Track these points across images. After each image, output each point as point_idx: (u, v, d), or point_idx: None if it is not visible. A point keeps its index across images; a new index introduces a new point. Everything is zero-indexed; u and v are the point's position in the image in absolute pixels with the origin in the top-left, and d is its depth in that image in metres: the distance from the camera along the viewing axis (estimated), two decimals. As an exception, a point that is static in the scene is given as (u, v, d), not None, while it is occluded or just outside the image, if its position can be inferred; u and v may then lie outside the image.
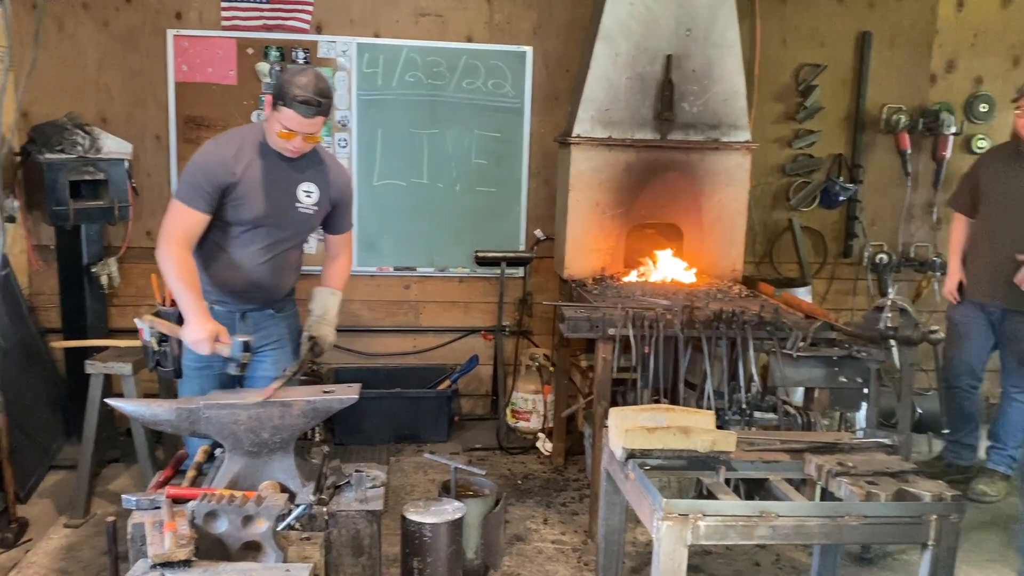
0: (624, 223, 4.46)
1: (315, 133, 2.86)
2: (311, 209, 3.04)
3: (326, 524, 2.48)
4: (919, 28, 5.39)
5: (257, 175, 2.91)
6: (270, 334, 3.16)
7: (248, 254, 2.99)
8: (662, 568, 2.31)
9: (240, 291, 3.04)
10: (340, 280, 3.25)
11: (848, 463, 2.62)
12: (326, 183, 3.07)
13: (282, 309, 3.21)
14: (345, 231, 3.28)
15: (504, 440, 4.96)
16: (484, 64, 5.01)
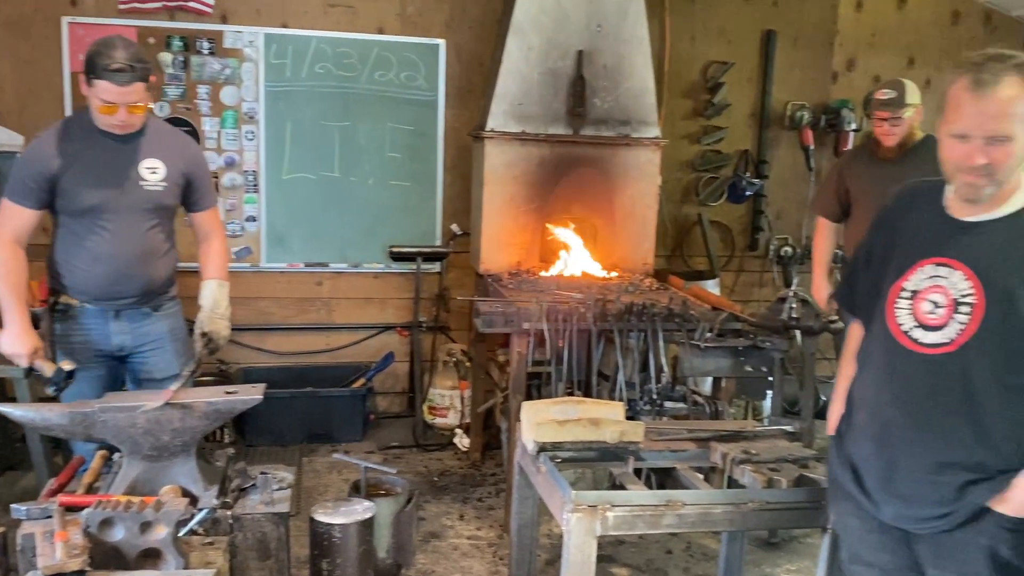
0: (539, 217, 4.47)
1: (138, 102, 2.77)
2: (159, 185, 2.94)
3: (230, 528, 2.42)
4: (821, 27, 5.57)
5: (88, 160, 2.84)
6: (148, 333, 3.05)
7: (104, 242, 2.89)
8: (572, 559, 2.33)
9: (108, 285, 2.93)
10: (222, 267, 3.16)
11: (751, 451, 2.69)
12: (172, 156, 2.98)
13: (160, 307, 3.09)
14: (209, 208, 3.17)
15: (421, 437, 4.92)
16: (396, 56, 4.96)
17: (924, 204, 2.04)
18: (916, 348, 1.93)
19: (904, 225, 2.06)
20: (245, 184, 4.90)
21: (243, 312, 4.99)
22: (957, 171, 1.87)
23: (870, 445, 2.03)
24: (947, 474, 1.89)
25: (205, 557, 2.15)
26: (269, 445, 4.70)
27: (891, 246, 2.06)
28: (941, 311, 1.91)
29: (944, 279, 1.92)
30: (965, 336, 1.87)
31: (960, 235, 1.93)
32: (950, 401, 1.88)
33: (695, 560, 3.73)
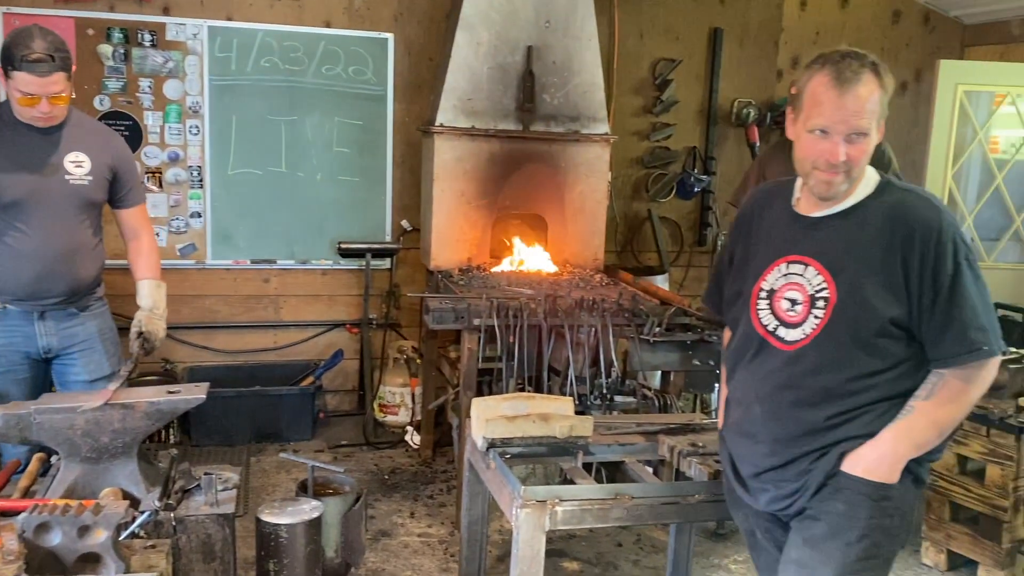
0: (489, 213, 4.46)
1: (60, 93, 2.71)
2: (85, 180, 2.88)
3: (174, 530, 2.37)
4: (766, 25, 5.65)
5: (10, 154, 2.76)
6: (75, 335, 2.97)
7: (28, 239, 2.81)
8: (521, 555, 2.33)
9: (32, 284, 2.84)
10: (155, 266, 3.09)
11: (698, 443, 2.72)
12: (98, 150, 2.92)
13: (87, 307, 3.01)
14: (137, 204, 3.10)
15: (371, 435, 4.88)
16: (344, 50, 4.90)
17: (777, 204, 2.09)
18: (780, 346, 2.00)
19: (760, 226, 2.11)
20: (189, 180, 4.80)
21: (189, 310, 4.90)
22: (814, 168, 1.90)
23: (743, 441, 2.10)
24: (806, 459, 1.98)
25: (147, 561, 2.10)
26: (216, 445, 4.62)
27: (749, 248, 2.12)
28: (799, 308, 1.96)
29: (799, 276, 1.98)
30: (818, 329, 1.94)
31: (810, 231, 1.99)
32: (804, 392, 1.95)
33: (645, 552, 3.76)
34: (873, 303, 1.88)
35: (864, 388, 1.93)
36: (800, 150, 1.93)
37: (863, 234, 1.92)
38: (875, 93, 1.84)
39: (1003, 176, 5.47)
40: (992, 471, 3.46)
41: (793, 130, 1.96)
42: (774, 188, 2.16)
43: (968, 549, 3.59)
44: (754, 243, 2.10)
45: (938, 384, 1.91)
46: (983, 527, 3.54)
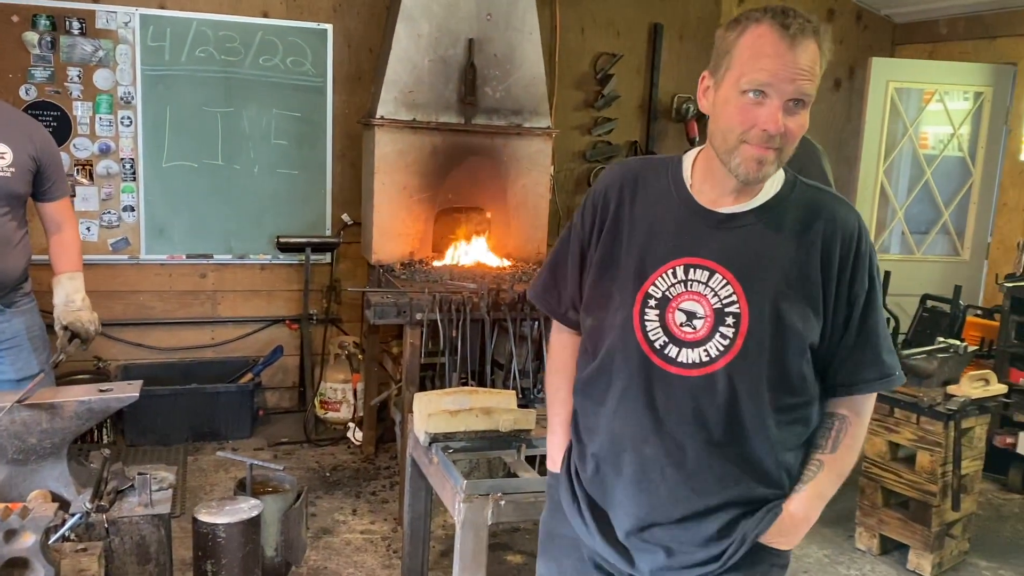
0: (431, 207, 4.43)
1: None
2: (7, 171, 2.79)
3: (106, 532, 2.30)
4: (705, 21, 5.72)
5: None
6: (1, 332, 2.87)
7: None
8: (464, 549, 2.32)
9: None
10: (72, 259, 2.99)
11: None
12: (20, 141, 2.83)
13: (12, 303, 2.91)
14: (60, 197, 3.01)
15: (312, 432, 4.81)
16: (282, 41, 4.81)
17: (656, 187, 1.66)
18: (673, 369, 1.57)
19: (633, 213, 1.66)
20: (122, 172, 4.66)
21: (122, 307, 4.77)
22: (743, 142, 1.50)
23: (624, 488, 1.64)
24: (717, 514, 1.60)
25: (78, 564, 2.04)
26: (152, 445, 4.50)
27: (618, 240, 1.66)
28: (699, 323, 1.57)
29: (701, 284, 1.58)
30: (731, 353, 1.55)
31: (716, 230, 1.59)
32: (717, 430, 1.57)
33: (588, 544, 3.78)
34: (794, 322, 1.55)
35: (785, 427, 1.60)
36: (725, 118, 1.52)
37: (779, 237, 1.57)
38: (818, 60, 1.51)
39: (932, 171, 5.64)
40: (922, 457, 3.57)
41: (713, 97, 1.55)
42: (644, 165, 1.71)
43: (899, 533, 3.70)
44: (627, 235, 1.65)
45: (841, 430, 1.64)
46: (913, 511, 3.65)
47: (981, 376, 3.66)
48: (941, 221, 5.70)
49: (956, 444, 3.54)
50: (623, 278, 1.64)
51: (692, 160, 1.66)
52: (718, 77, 1.54)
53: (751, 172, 1.52)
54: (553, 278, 1.80)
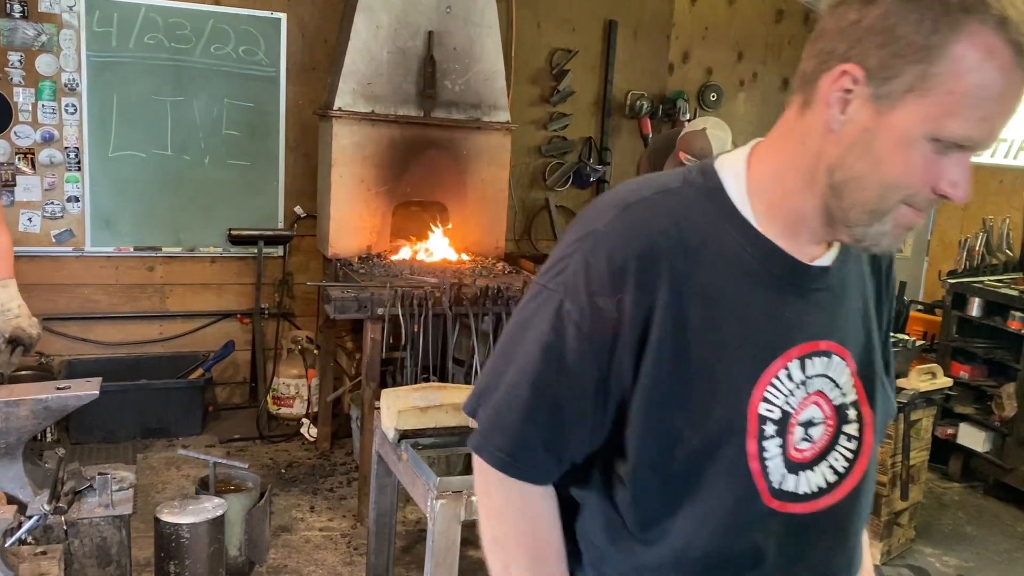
0: (390, 200, 4.39)
1: None
2: None
3: (65, 535, 2.22)
4: (658, 19, 5.77)
5: None
6: None
7: None
8: (437, 546, 2.31)
9: None
10: (4, 266, 2.83)
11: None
12: None
13: None
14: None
15: (265, 429, 4.73)
16: (234, 29, 4.69)
17: (716, 250, 1.04)
18: (795, 508, 1.07)
19: (703, 299, 1.03)
20: (66, 162, 4.50)
21: (65, 300, 4.61)
22: (906, 203, 0.98)
23: None
24: None
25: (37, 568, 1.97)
26: (98, 442, 4.37)
27: (684, 352, 1.02)
28: (818, 431, 1.08)
29: (822, 378, 1.08)
30: (861, 462, 1.11)
31: (815, 291, 1.09)
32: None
33: (549, 538, 3.80)
34: (889, 394, 1.18)
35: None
36: (893, 165, 0.95)
37: (854, 285, 1.14)
38: None
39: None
40: (872, 448, 3.67)
41: (866, 117, 0.95)
42: (671, 215, 1.04)
43: (850, 522, 3.80)
44: (699, 336, 1.02)
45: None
46: (864, 501, 3.75)
47: (928, 370, 3.79)
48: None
49: (906, 436, 3.65)
50: (707, 404, 1.03)
51: (743, 185, 1.06)
52: (887, 92, 0.93)
53: (894, 245, 1.03)
54: (549, 428, 1.07)
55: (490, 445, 1.09)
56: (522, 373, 1.06)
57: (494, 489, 1.12)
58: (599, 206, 1.08)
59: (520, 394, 1.06)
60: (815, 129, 1.00)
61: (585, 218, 1.08)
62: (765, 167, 1.06)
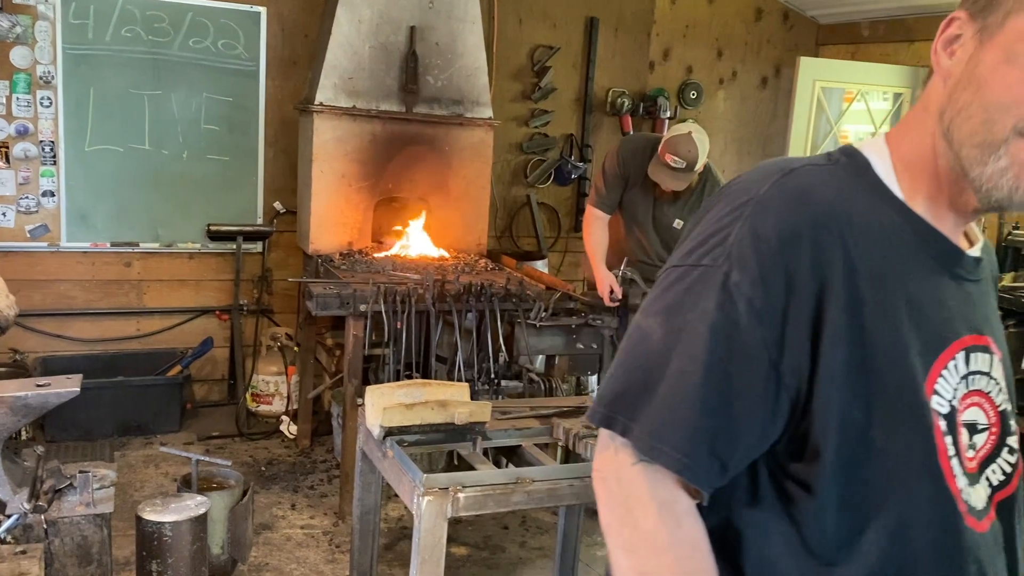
0: (371, 196, 4.36)
1: None
2: None
3: (45, 534, 2.19)
4: (639, 17, 5.79)
5: None
6: None
7: None
8: (423, 543, 2.30)
9: None
10: None
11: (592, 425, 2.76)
12: None
13: None
14: None
15: (244, 426, 4.69)
16: (213, 23, 4.64)
17: (873, 224, 0.96)
18: (971, 522, 0.97)
19: (870, 278, 0.93)
20: (41, 156, 4.43)
21: (40, 296, 4.54)
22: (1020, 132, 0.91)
23: None
24: None
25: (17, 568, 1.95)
26: (75, 440, 4.31)
27: (859, 335, 0.92)
28: (981, 437, 0.99)
29: (983, 376, 1.00)
30: (1012, 487, 1.02)
31: (971, 282, 1.02)
32: None
33: (531, 534, 3.80)
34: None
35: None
36: (994, 86, 0.91)
37: (992, 288, 1.10)
38: None
39: (853, 169, 5.84)
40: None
41: (971, 54, 0.94)
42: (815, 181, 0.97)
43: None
44: (873, 318, 0.92)
45: None
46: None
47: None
48: (861, 217, 5.91)
49: None
50: (891, 395, 0.93)
51: (888, 164, 1.01)
52: (989, 23, 0.93)
53: (1018, 190, 0.93)
54: (723, 425, 0.92)
55: (665, 445, 0.92)
56: (691, 359, 0.92)
57: (646, 509, 0.95)
58: (751, 178, 0.99)
59: (694, 382, 0.92)
60: (935, 88, 0.98)
61: (735, 190, 0.99)
62: (903, 144, 1.01)
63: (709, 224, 0.98)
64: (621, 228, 4.11)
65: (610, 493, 0.99)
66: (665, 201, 3.97)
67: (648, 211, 4.04)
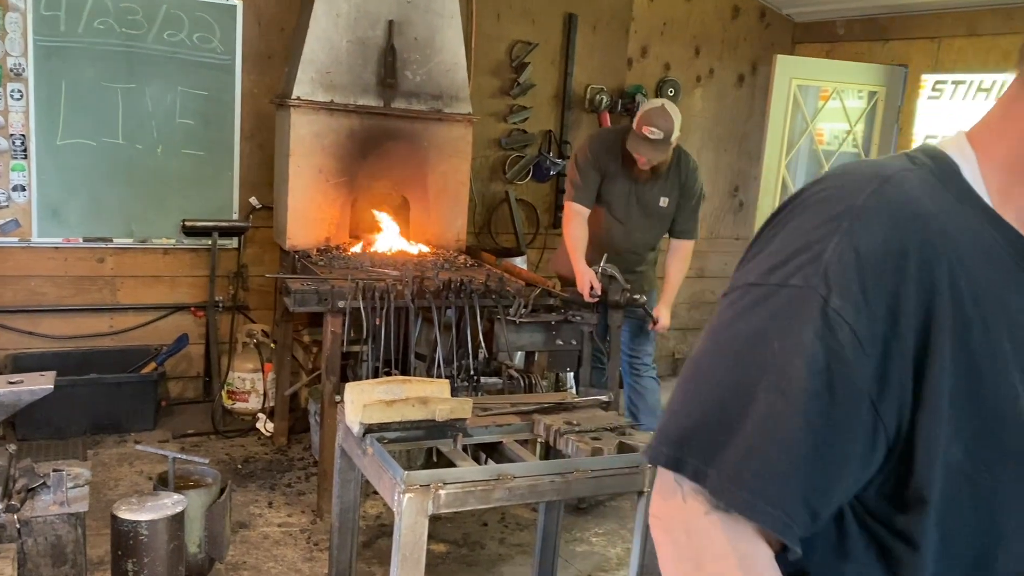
0: (349, 192, 4.33)
1: None
2: None
3: (18, 533, 2.15)
4: (617, 14, 5.79)
5: None
6: None
7: None
8: (404, 540, 2.28)
9: None
10: None
11: (573, 421, 2.77)
12: None
13: None
14: None
15: (220, 424, 4.64)
16: (188, 16, 4.58)
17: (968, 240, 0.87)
18: None
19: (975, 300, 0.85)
20: (11, 149, 4.35)
21: (11, 293, 4.47)
22: None
23: None
24: None
25: (-10, 569, 1.91)
26: (47, 438, 4.24)
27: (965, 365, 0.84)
28: None
29: None
30: None
31: None
32: None
33: (510, 530, 3.80)
34: None
35: None
36: None
37: None
38: None
39: (829, 166, 5.89)
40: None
41: None
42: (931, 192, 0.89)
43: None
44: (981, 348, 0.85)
45: None
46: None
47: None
48: (836, 214, 5.95)
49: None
50: (997, 429, 0.86)
51: (976, 169, 0.92)
52: None
53: None
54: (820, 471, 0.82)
55: (754, 496, 0.81)
56: (783, 395, 0.81)
57: (723, 565, 0.84)
58: (841, 184, 0.89)
59: (787, 423, 0.80)
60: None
61: (825, 198, 0.88)
62: (996, 147, 0.91)
63: (794, 236, 0.86)
64: (600, 223, 4.13)
65: (677, 546, 0.87)
66: (645, 182, 4.06)
67: (630, 196, 4.09)
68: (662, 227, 4.22)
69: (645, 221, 4.14)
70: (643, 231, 4.16)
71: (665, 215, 4.15)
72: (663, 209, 4.12)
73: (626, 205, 4.11)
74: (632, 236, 4.15)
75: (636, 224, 4.14)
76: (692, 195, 4.16)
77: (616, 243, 4.12)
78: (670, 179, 4.10)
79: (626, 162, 4.02)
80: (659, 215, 4.14)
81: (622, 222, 4.12)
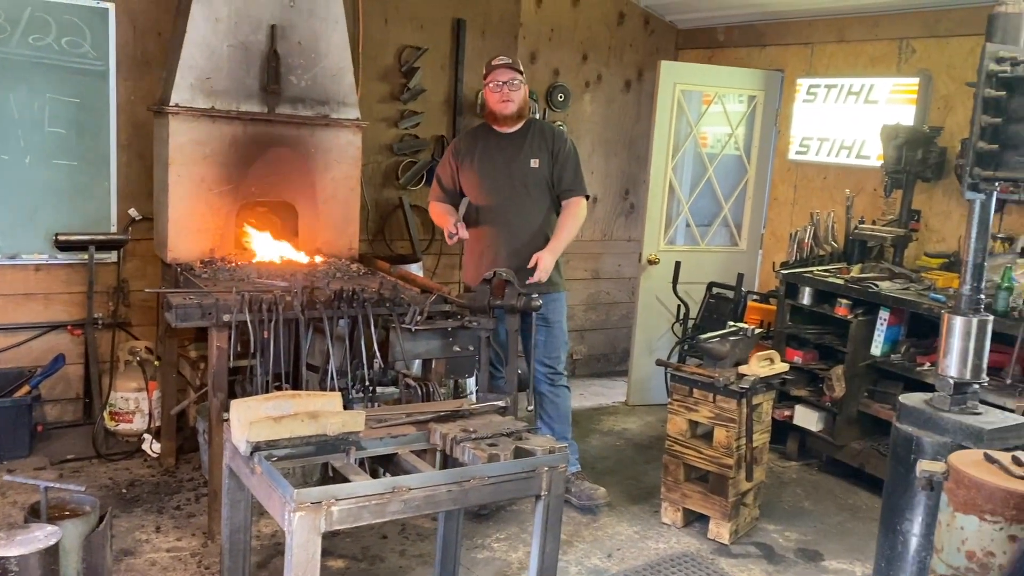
0: (234, 201, 4.19)
1: None
2: None
3: None
4: (506, 20, 5.82)
5: None
6: None
7: None
8: (296, 560, 2.22)
9: None
10: None
11: (469, 428, 2.75)
12: None
13: None
14: None
15: (102, 447, 4.41)
16: (56, 19, 4.35)
17: None
18: None
19: None
20: None
21: None
22: None
23: None
24: None
25: None
26: (-94, 473, 3.94)
27: None
28: None
29: None
30: None
31: None
32: None
33: (411, 541, 3.75)
34: None
35: None
36: None
37: None
38: None
39: (713, 168, 6.08)
40: (719, 433, 3.85)
41: None
42: None
43: (700, 505, 3.97)
44: None
45: None
46: (712, 484, 3.93)
47: (767, 356, 4.00)
48: (722, 215, 6.16)
49: (748, 419, 3.85)
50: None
51: None
52: None
53: None
54: None
55: None
56: None
57: None
58: None
59: None
60: None
61: None
62: None
63: None
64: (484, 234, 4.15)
65: None
66: (510, 148, 4.15)
67: (501, 166, 4.15)
68: (542, 198, 4.15)
69: (523, 191, 4.12)
70: (524, 206, 4.13)
71: (540, 179, 4.13)
72: (536, 170, 4.12)
73: (498, 175, 4.14)
74: (513, 223, 4.11)
75: (516, 200, 4.12)
76: (562, 152, 4.16)
77: (504, 241, 4.11)
78: (535, 139, 4.16)
79: (490, 135, 4.20)
80: (535, 179, 4.12)
81: (501, 205, 4.12)
